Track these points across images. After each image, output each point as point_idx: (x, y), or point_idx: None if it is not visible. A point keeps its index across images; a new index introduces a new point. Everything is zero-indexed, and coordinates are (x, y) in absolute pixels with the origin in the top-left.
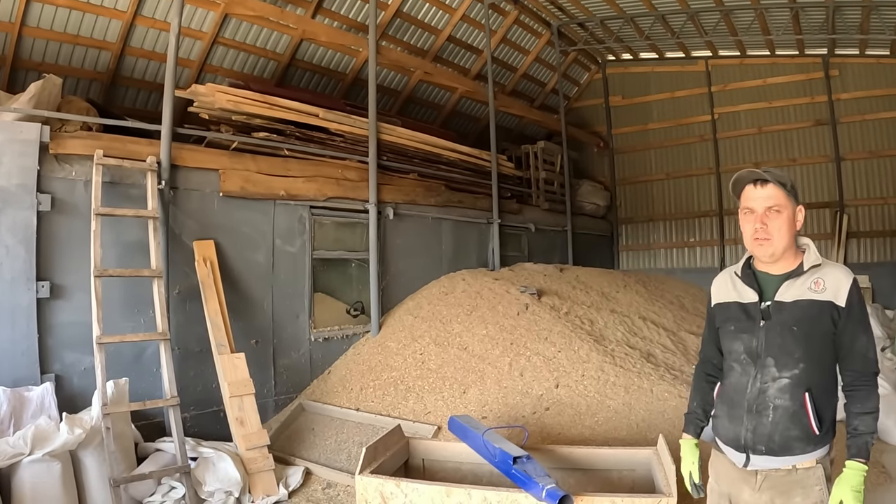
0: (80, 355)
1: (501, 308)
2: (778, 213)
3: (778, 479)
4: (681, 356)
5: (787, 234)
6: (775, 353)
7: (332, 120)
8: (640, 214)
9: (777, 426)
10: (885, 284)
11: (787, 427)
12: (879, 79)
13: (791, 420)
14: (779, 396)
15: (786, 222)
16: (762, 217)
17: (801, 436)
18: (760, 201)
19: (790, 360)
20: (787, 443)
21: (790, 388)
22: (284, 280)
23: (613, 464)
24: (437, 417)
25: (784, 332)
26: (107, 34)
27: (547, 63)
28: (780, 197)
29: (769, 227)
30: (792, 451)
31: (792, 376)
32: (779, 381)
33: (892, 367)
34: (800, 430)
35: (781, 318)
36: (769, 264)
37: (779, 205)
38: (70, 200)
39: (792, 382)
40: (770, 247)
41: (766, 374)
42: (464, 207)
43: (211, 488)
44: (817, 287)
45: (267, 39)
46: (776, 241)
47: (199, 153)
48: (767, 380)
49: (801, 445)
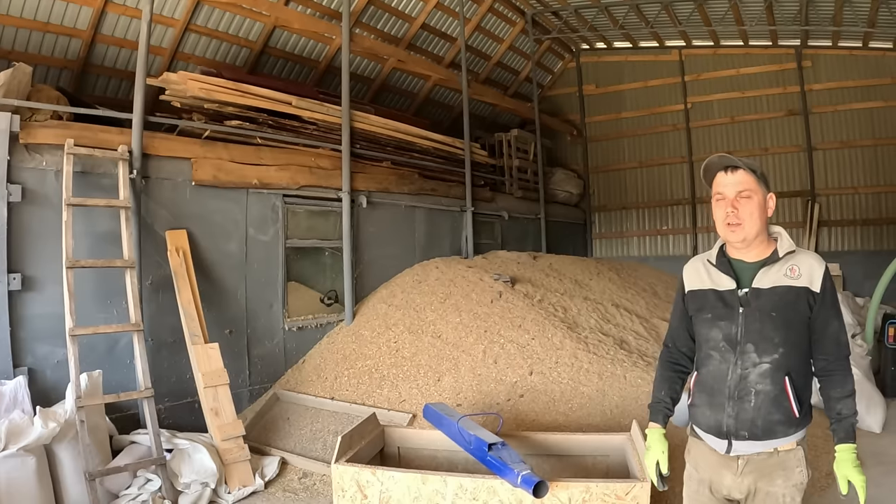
0: (52, 348)
1: (475, 296)
2: (748, 198)
3: (760, 463)
4: (654, 343)
5: (758, 220)
6: (755, 338)
7: (305, 108)
8: (614, 202)
9: (759, 411)
10: (856, 272)
11: (770, 411)
12: (851, 70)
13: (773, 404)
14: (760, 381)
15: (757, 208)
16: (733, 202)
17: (782, 419)
18: (731, 187)
19: (770, 346)
20: (769, 427)
21: (771, 373)
22: (258, 269)
23: (588, 450)
24: (412, 405)
25: (763, 318)
26: (77, 21)
27: (521, 51)
28: (750, 182)
29: (740, 211)
30: (774, 434)
31: (772, 361)
32: (759, 367)
33: (863, 354)
34: (781, 414)
35: (760, 304)
36: (743, 252)
37: (749, 189)
38: (41, 191)
39: (772, 367)
40: (742, 232)
41: (746, 361)
42: (437, 195)
43: (187, 480)
44: (793, 273)
45: (239, 27)
46: (747, 226)
47: (171, 142)
48: (748, 366)
49: (783, 429)
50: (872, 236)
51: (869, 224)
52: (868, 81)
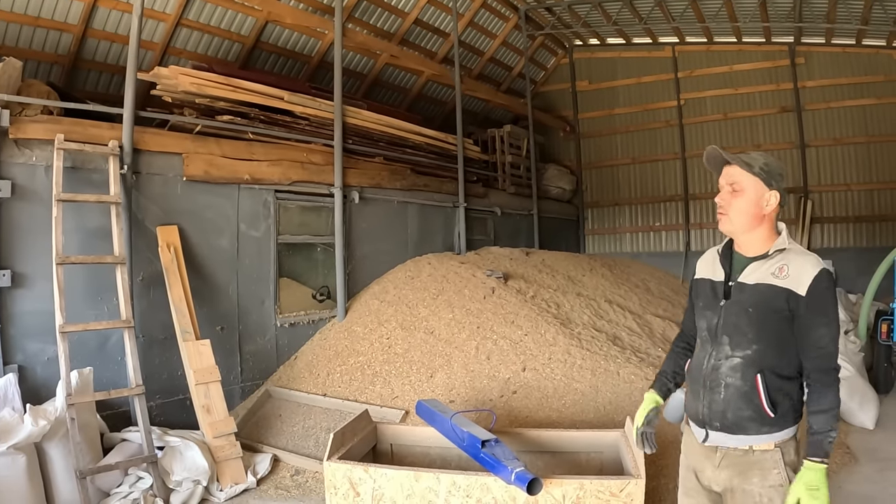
0: (42, 345)
1: (468, 292)
2: (737, 192)
3: (736, 459)
4: (647, 339)
5: (745, 215)
6: (730, 331)
7: (298, 103)
8: (606, 199)
9: (729, 404)
10: (848, 269)
11: (739, 406)
12: (845, 67)
13: (742, 399)
14: (730, 375)
15: (747, 203)
16: (722, 194)
17: (753, 416)
18: (724, 179)
19: (743, 340)
20: (739, 422)
21: (741, 368)
22: (249, 265)
23: (581, 446)
24: (405, 402)
25: (739, 313)
26: (68, 16)
27: (514, 47)
28: (741, 177)
29: (727, 204)
30: (745, 430)
31: (744, 356)
32: (731, 360)
33: (855, 350)
34: (752, 411)
35: (740, 298)
36: (743, 246)
37: (738, 183)
38: (31, 186)
39: (743, 362)
40: (727, 223)
41: (720, 352)
42: (430, 191)
43: (179, 477)
44: (780, 273)
45: (231, 21)
46: (733, 219)
47: (161, 137)
48: (721, 357)
49: (755, 426)
50: (865, 233)
51: (861, 221)
52: (861, 79)
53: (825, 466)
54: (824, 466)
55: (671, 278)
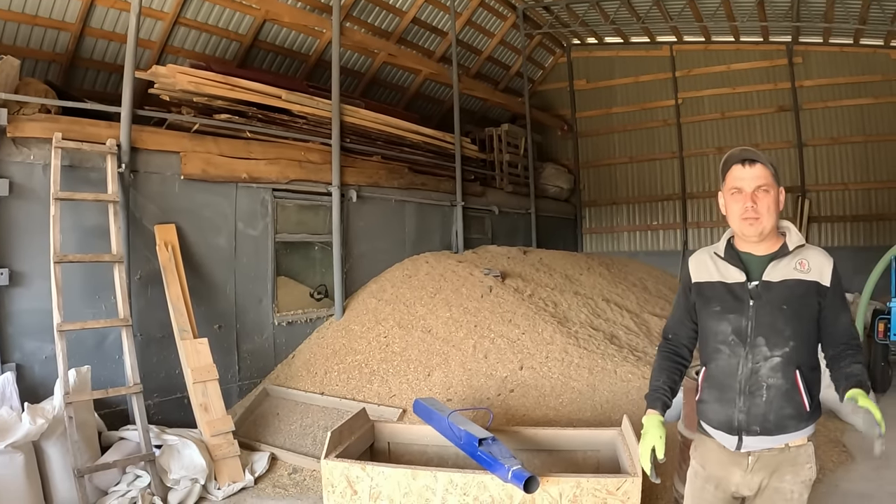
0: (40, 343)
1: (465, 290)
2: (766, 192)
3: (770, 459)
4: (644, 338)
5: (774, 214)
6: (766, 332)
7: (295, 102)
8: (604, 197)
9: (771, 405)
10: (845, 268)
11: (781, 406)
12: (842, 67)
13: (784, 398)
14: (771, 375)
15: (773, 202)
16: (752, 196)
17: (794, 413)
18: (749, 181)
19: (780, 339)
20: (781, 421)
21: (782, 367)
22: (247, 264)
23: (578, 444)
24: (402, 400)
25: (774, 312)
26: (66, 15)
27: (512, 46)
28: (768, 177)
29: (759, 206)
30: (786, 429)
31: (783, 355)
32: (771, 360)
33: None
34: (793, 408)
35: (770, 297)
36: (753, 245)
37: (767, 184)
38: (28, 185)
39: (783, 361)
40: (759, 225)
41: (757, 354)
42: (427, 190)
43: (176, 476)
44: (802, 267)
45: (229, 20)
46: (765, 220)
47: (159, 135)
48: (759, 359)
49: (795, 423)
50: (862, 232)
51: (859, 220)
52: (859, 78)
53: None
54: (867, 395)
55: (669, 277)
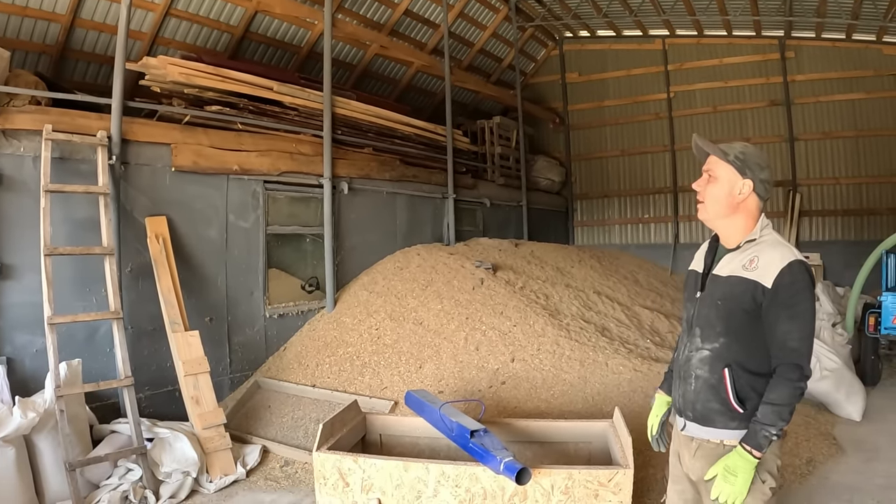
0: (31, 337)
1: (457, 283)
2: (712, 179)
3: (710, 451)
4: (635, 330)
5: (718, 202)
6: (702, 324)
7: (287, 93)
8: (595, 190)
9: (699, 395)
10: (836, 262)
11: (707, 398)
12: (834, 62)
13: (710, 392)
14: (699, 367)
15: (720, 190)
16: (699, 181)
17: (721, 409)
18: (703, 167)
19: (712, 333)
20: (707, 414)
21: (710, 361)
22: (238, 256)
23: (570, 436)
24: (394, 392)
25: (710, 305)
26: (56, 6)
27: (504, 39)
28: (716, 165)
29: (703, 192)
30: (713, 423)
31: (712, 349)
32: (700, 352)
33: (843, 343)
34: (719, 404)
35: (712, 291)
36: (724, 237)
37: (713, 171)
38: (18, 177)
39: (712, 355)
40: (703, 211)
41: (692, 344)
42: (419, 182)
43: (168, 469)
44: (750, 265)
45: (220, 11)
46: (708, 207)
47: (150, 127)
48: (693, 349)
49: (723, 420)
50: (853, 226)
51: (850, 214)
52: (851, 73)
53: (754, 460)
54: (753, 459)
55: (660, 270)
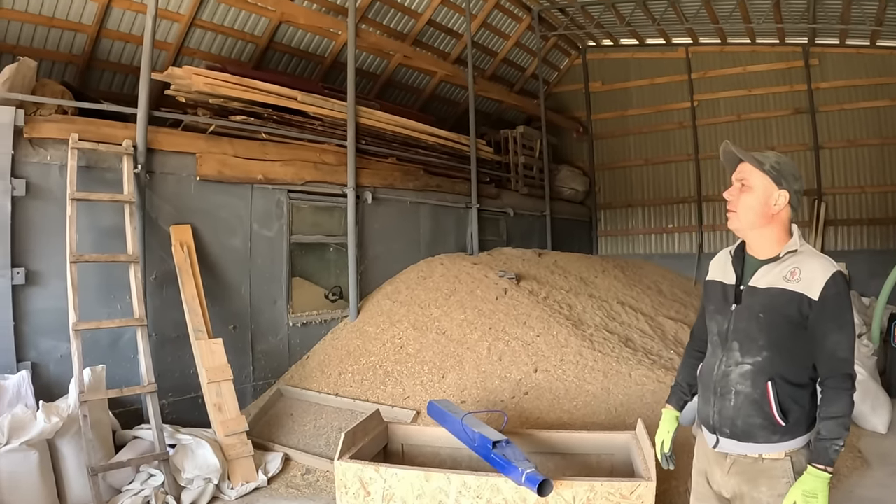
0: (56, 342)
1: (480, 292)
2: (746, 188)
3: (746, 466)
4: (659, 341)
5: (752, 212)
6: (741, 337)
7: (311, 103)
8: (619, 200)
9: (739, 411)
10: (862, 271)
11: (749, 413)
12: (859, 69)
13: (752, 407)
14: (740, 382)
15: (755, 200)
16: (731, 190)
17: (763, 424)
18: (735, 175)
19: (753, 347)
20: (749, 429)
21: (752, 375)
22: (262, 265)
23: (592, 448)
24: (416, 402)
25: (750, 318)
26: (82, 16)
27: (527, 48)
28: (751, 174)
29: (734, 200)
30: (755, 438)
31: (754, 363)
32: (741, 367)
33: (869, 353)
34: (762, 419)
35: (751, 303)
36: (755, 247)
37: (747, 180)
38: (45, 185)
39: (754, 369)
40: (735, 220)
41: (730, 358)
42: (442, 192)
43: (190, 475)
44: (793, 276)
45: (245, 22)
46: (741, 216)
47: (175, 137)
48: (731, 364)
49: (765, 434)
50: (879, 235)
51: (875, 223)
52: (875, 80)
53: (828, 476)
54: (827, 475)
55: (684, 280)
